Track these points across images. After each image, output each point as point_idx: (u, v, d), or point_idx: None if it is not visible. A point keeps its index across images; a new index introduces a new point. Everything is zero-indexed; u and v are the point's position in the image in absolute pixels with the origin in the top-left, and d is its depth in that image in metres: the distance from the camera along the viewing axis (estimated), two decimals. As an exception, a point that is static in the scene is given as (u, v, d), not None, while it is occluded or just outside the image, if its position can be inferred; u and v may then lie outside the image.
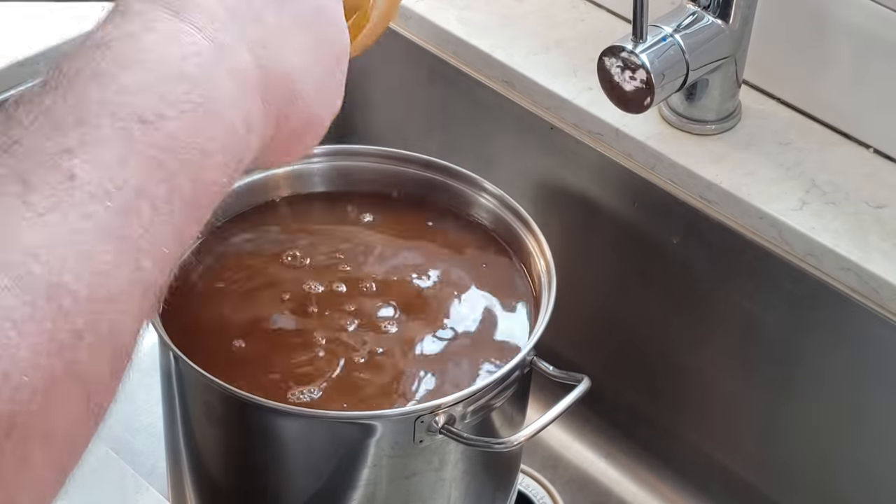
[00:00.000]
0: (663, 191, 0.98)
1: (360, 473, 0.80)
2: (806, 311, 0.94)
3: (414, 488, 0.82)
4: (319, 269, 0.88)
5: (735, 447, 1.04)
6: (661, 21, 0.94)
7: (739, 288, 0.97)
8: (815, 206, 0.93)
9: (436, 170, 0.93)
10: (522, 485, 1.06)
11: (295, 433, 0.80)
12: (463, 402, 0.79)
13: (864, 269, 0.89)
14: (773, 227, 0.93)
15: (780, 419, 0.99)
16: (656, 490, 1.09)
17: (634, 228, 1.01)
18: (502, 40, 1.06)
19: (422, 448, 0.80)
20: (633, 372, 1.08)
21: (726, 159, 0.97)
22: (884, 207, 0.93)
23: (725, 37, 0.94)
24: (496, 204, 0.91)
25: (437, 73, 1.10)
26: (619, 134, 0.99)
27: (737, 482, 1.04)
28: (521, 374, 0.83)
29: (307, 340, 0.83)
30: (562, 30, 1.08)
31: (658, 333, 1.05)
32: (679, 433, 1.07)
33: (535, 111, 1.04)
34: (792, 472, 1.01)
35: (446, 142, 1.11)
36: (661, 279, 1.02)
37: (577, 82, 1.02)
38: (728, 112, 0.99)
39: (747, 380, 1.00)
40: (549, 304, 0.83)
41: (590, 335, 1.10)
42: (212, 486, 0.88)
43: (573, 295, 0.97)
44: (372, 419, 0.78)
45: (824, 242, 0.91)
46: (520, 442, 0.80)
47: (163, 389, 0.87)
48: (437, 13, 1.09)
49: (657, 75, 0.91)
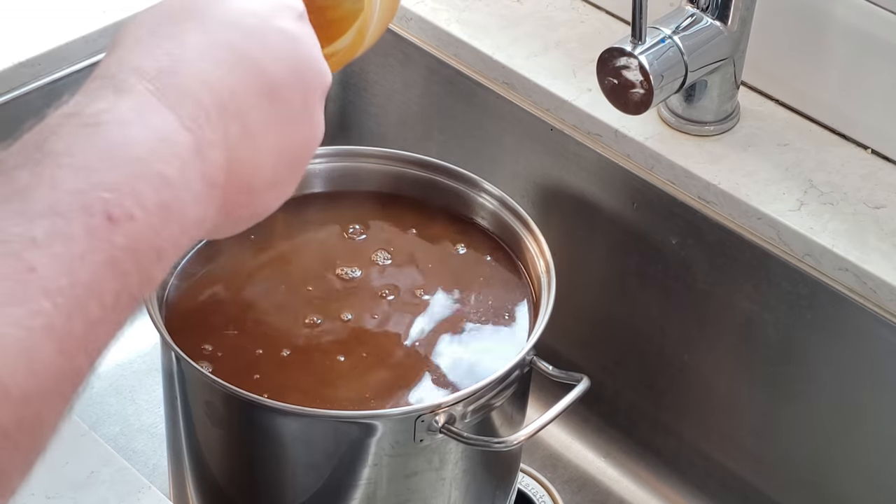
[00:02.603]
0: (662, 191, 0.98)
1: (360, 472, 0.81)
2: (804, 312, 0.94)
3: (414, 487, 0.83)
4: (319, 269, 0.88)
5: (735, 447, 1.04)
6: (660, 23, 0.94)
7: (738, 288, 0.97)
8: (814, 207, 0.93)
9: (436, 170, 0.93)
10: (522, 484, 1.07)
11: (296, 432, 0.81)
12: (463, 402, 0.79)
13: (863, 270, 0.90)
14: (772, 228, 0.93)
15: (779, 419, 1.00)
16: (656, 490, 1.09)
17: (634, 229, 1.01)
18: (502, 42, 1.07)
19: (422, 447, 0.80)
20: (633, 372, 1.08)
21: (725, 160, 0.97)
22: (882, 208, 0.93)
23: (724, 38, 0.95)
24: (496, 204, 0.91)
25: (438, 75, 1.10)
26: (619, 135, 0.99)
27: (737, 482, 1.05)
28: (520, 374, 0.84)
29: (308, 340, 0.83)
30: (561, 31, 1.08)
31: (658, 333, 1.05)
32: (679, 433, 1.07)
33: (535, 112, 1.04)
34: (791, 472, 1.01)
35: (446, 142, 1.12)
36: (660, 279, 1.02)
37: (577, 83, 1.03)
38: (727, 113, 0.99)
39: (746, 380, 1.00)
40: (548, 304, 0.84)
41: (590, 335, 1.10)
42: (213, 486, 0.88)
43: (573, 295, 0.97)
44: (372, 418, 0.79)
45: (822, 243, 0.91)
46: (520, 441, 0.80)
47: (164, 389, 0.87)
48: (437, 15, 1.09)
49: (656, 77, 0.91)
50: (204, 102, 0.50)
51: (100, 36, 1.06)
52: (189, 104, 0.49)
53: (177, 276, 0.87)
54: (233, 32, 0.53)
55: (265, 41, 0.54)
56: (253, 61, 0.53)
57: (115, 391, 1.13)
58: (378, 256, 0.89)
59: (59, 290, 0.43)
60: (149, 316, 0.80)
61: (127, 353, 1.18)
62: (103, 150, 0.47)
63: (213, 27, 0.53)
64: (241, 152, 0.52)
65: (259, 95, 0.53)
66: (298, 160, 0.57)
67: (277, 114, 0.54)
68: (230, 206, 0.53)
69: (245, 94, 0.52)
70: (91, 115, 0.48)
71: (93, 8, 1.07)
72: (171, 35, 0.52)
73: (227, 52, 0.52)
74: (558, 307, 0.83)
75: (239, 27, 0.54)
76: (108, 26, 1.06)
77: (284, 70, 0.54)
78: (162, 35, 0.52)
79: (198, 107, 0.50)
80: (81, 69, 1.05)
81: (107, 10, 1.07)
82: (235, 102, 0.52)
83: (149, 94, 0.49)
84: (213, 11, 0.54)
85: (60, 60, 1.04)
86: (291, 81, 0.55)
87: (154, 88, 0.49)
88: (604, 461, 1.11)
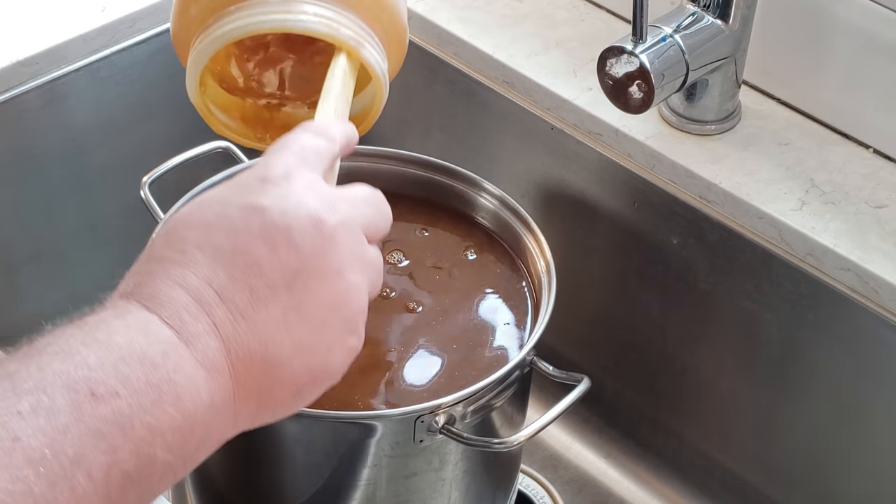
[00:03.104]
0: (663, 191, 0.98)
1: (360, 473, 0.81)
2: (806, 311, 0.94)
3: (414, 488, 0.82)
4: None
5: (735, 447, 1.04)
6: (661, 21, 0.94)
7: (739, 288, 0.97)
8: (815, 206, 0.93)
9: (436, 170, 0.93)
10: (522, 485, 1.06)
11: (295, 433, 0.80)
12: (463, 402, 0.79)
13: (864, 269, 0.89)
14: (773, 228, 0.93)
15: (779, 419, 0.99)
16: (656, 490, 1.09)
17: (634, 228, 1.01)
18: (503, 41, 1.06)
19: (422, 448, 0.80)
20: (633, 372, 1.08)
21: (726, 159, 0.97)
22: (883, 207, 0.93)
23: (725, 37, 0.94)
24: (496, 204, 0.91)
25: (438, 74, 1.10)
26: (619, 134, 0.99)
27: (737, 482, 1.04)
28: (521, 374, 0.83)
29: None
30: (562, 30, 1.08)
31: (658, 333, 1.05)
32: (679, 433, 1.07)
33: (536, 111, 1.04)
34: (792, 472, 1.01)
35: (446, 142, 1.12)
36: (661, 279, 1.02)
37: (578, 83, 1.02)
38: (728, 112, 0.99)
39: (747, 380, 1.00)
40: (549, 304, 0.83)
41: (590, 335, 1.10)
42: (212, 486, 0.88)
43: (573, 295, 0.97)
44: (372, 419, 0.78)
45: (824, 242, 0.91)
46: (520, 442, 0.80)
47: (163, 389, 0.87)
48: (437, 14, 1.09)
49: (657, 75, 0.91)
50: (180, 300, 0.53)
51: (98, 35, 1.06)
52: (169, 306, 0.54)
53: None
54: (196, 232, 0.56)
55: (232, 226, 0.56)
56: (223, 249, 0.55)
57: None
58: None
59: (42, 458, 0.46)
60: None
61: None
62: (88, 340, 0.50)
63: (178, 234, 0.56)
64: (246, 340, 0.55)
65: (240, 275, 0.55)
66: (337, 341, 0.59)
67: (265, 282, 0.56)
68: (259, 390, 0.56)
69: (226, 281, 0.55)
70: (75, 322, 0.52)
71: (91, 7, 1.07)
72: (143, 259, 0.56)
73: (195, 252, 0.55)
74: (558, 307, 0.83)
75: (202, 224, 0.56)
76: (107, 25, 1.06)
77: (258, 242, 0.56)
78: (139, 263, 0.56)
79: (174, 304, 0.53)
80: (80, 68, 1.05)
81: (106, 9, 1.07)
82: (214, 290, 0.54)
83: (129, 303, 0.54)
84: (178, 218, 0.57)
85: (59, 59, 1.04)
86: (271, 251, 0.56)
87: (134, 299, 0.54)
88: (604, 462, 1.11)
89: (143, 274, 0.55)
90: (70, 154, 1.09)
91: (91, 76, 1.07)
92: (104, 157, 1.11)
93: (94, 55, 1.06)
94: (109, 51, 1.07)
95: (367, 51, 0.73)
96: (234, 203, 0.57)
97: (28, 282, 1.12)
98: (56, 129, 1.07)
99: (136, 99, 1.11)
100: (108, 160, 1.11)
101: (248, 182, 0.59)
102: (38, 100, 1.05)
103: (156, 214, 0.88)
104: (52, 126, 1.07)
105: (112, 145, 1.11)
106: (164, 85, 1.12)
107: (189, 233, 0.56)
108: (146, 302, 0.53)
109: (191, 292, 0.54)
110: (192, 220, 0.57)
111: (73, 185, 1.11)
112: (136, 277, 0.55)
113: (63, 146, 1.08)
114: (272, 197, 0.57)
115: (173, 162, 0.92)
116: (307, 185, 0.59)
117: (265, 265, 0.55)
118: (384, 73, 0.75)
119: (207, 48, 0.73)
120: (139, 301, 0.53)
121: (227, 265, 0.55)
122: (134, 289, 0.54)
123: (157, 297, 0.53)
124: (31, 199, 1.08)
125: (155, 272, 0.55)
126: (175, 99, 1.13)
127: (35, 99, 1.04)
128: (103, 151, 1.11)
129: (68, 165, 1.09)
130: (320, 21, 0.71)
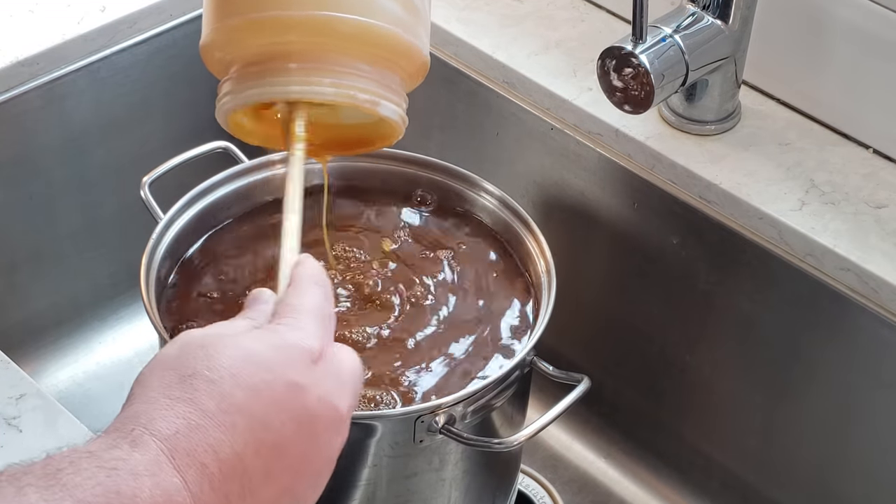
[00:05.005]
0: (663, 191, 0.98)
1: (360, 473, 0.81)
2: (805, 311, 0.94)
3: (414, 488, 0.82)
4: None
5: (735, 447, 1.04)
6: (661, 21, 0.94)
7: (739, 288, 0.97)
8: (815, 207, 0.93)
9: (436, 170, 0.93)
10: (522, 485, 1.06)
11: (295, 433, 0.80)
12: (463, 402, 0.79)
13: (864, 270, 0.89)
14: (773, 228, 0.93)
15: (779, 419, 0.99)
16: (656, 490, 1.09)
17: (634, 228, 1.01)
18: (503, 41, 1.07)
19: (422, 448, 0.80)
20: (633, 372, 1.08)
21: (726, 160, 0.97)
22: (883, 207, 0.93)
23: (725, 37, 0.94)
24: (496, 204, 0.91)
25: (438, 74, 1.10)
26: (619, 134, 0.99)
27: (737, 482, 1.05)
28: (521, 374, 0.83)
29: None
30: (562, 30, 1.08)
31: (658, 333, 1.05)
32: (679, 433, 1.07)
33: (535, 112, 1.04)
34: (791, 472, 1.01)
35: (446, 142, 1.12)
36: (661, 279, 1.02)
37: (577, 83, 1.03)
38: (728, 112, 0.99)
39: (747, 380, 1.00)
40: (549, 304, 0.83)
41: (590, 335, 1.10)
42: (212, 486, 0.88)
43: (573, 295, 0.97)
44: (372, 419, 0.78)
45: (824, 243, 0.91)
46: (520, 442, 0.80)
47: (163, 389, 0.87)
48: (437, 14, 1.09)
49: (657, 76, 0.91)
50: (209, 469, 0.54)
51: (98, 35, 1.06)
52: (195, 469, 0.53)
53: (177, 274, 0.87)
54: (243, 393, 0.56)
55: (274, 399, 0.57)
56: (261, 422, 0.56)
57: (115, 391, 1.13)
58: (378, 256, 0.89)
59: None
60: (148, 316, 0.80)
61: (127, 353, 1.18)
62: (111, 493, 0.51)
63: (225, 388, 0.56)
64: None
65: (265, 452, 0.56)
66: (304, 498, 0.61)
67: (282, 465, 0.57)
68: None
69: (252, 456, 0.55)
70: (109, 460, 0.52)
71: (91, 7, 1.07)
72: (183, 398, 0.55)
73: (237, 416, 0.55)
74: (558, 307, 0.83)
75: (249, 388, 0.56)
76: (107, 25, 1.06)
77: (290, 424, 0.57)
78: (174, 397, 0.55)
79: (202, 472, 0.54)
80: (80, 68, 1.05)
81: (105, 9, 1.07)
82: (242, 464, 0.55)
83: (160, 453, 0.53)
84: (225, 367, 0.56)
85: (59, 59, 1.04)
86: (297, 434, 0.57)
87: (166, 449, 0.53)
88: (604, 462, 1.11)
89: (176, 416, 0.55)
90: (70, 154, 1.09)
91: (91, 76, 1.07)
92: (104, 157, 1.11)
93: (94, 55, 1.06)
94: (109, 51, 1.07)
95: (385, 107, 0.73)
96: (281, 379, 0.58)
97: (28, 282, 1.12)
98: (56, 129, 1.07)
99: (136, 99, 1.11)
100: (108, 160, 1.11)
101: (293, 356, 0.59)
102: (38, 100, 1.05)
103: (156, 214, 0.88)
104: (52, 126, 1.07)
105: (112, 145, 1.11)
106: (164, 85, 1.12)
107: (236, 392, 0.56)
108: (179, 458, 0.54)
109: (220, 461, 0.55)
110: (240, 378, 0.57)
111: (73, 185, 1.11)
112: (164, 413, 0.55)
113: (63, 146, 1.08)
114: (314, 377, 0.59)
115: (173, 162, 0.92)
116: (336, 371, 0.61)
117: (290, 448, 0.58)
118: (404, 119, 0.75)
119: (254, 97, 0.73)
120: (172, 456, 0.53)
121: (245, 436, 0.56)
122: (169, 436, 0.54)
123: (191, 458, 0.54)
124: (31, 199, 1.08)
125: (189, 421, 0.55)
126: (175, 99, 1.13)
127: (35, 99, 1.04)
128: (103, 151, 1.11)
129: (68, 165, 1.09)
130: (337, 92, 0.72)
